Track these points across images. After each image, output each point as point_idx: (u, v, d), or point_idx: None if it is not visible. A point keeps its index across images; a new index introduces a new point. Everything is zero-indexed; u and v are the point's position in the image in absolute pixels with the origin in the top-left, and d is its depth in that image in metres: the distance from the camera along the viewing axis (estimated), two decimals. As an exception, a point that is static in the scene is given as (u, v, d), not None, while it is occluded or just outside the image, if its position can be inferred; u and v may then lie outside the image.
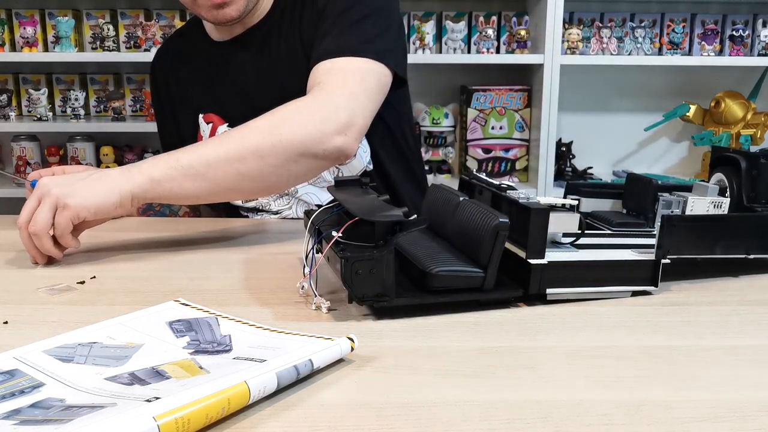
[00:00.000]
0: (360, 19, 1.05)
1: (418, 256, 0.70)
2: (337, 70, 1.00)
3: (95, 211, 0.85)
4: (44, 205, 0.83)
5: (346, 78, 0.99)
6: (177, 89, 1.26)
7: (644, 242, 0.80)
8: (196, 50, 1.24)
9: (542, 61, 2.13)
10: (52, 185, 0.85)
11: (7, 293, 0.75)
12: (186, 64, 1.25)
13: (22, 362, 0.54)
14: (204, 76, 1.21)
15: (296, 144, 0.91)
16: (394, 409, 0.50)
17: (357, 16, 1.05)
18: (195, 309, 0.67)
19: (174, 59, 1.28)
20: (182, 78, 1.25)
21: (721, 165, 0.92)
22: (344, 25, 1.05)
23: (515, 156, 2.32)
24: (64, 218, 0.83)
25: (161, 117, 1.33)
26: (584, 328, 0.66)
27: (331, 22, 1.06)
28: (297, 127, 0.92)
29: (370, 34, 1.04)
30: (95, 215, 0.86)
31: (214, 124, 1.19)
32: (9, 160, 2.31)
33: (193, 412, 0.44)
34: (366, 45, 1.02)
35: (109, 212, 0.87)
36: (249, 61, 1.16)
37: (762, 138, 2.33)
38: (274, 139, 0.90)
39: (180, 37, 1.32)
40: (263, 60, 1.15)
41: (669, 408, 0.50)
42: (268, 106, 0.96)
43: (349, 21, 1.05)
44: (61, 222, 0.83)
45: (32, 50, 2.15)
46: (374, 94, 1.02)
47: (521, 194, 0.72)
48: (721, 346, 0.62)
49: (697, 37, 2.31)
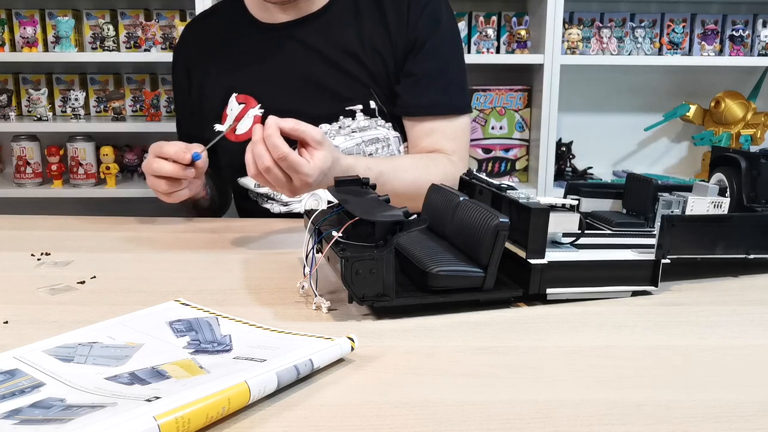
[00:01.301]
0: (457, 60, 1.21)
1: (418, 256, 0.70)
2: (455, 135, 1.19)
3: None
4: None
5: (464, 145, 1.22)
6: (208, 67, 1.25)
7: (644, 242, 0.80)
8: (235, 30, 1.23)
9: (542, 61, 2.13)
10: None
11: (7, 293, 0.75)
12: (221, 43, 1.24)
13: (22, 362, 0.54)
14: (243, 56, 1.21)
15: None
16: (394, 409, 0.50)
17: (455, 55, 1.20)
18: (195, 309, 0.67)
19: (207, 38, 1.27)
20: (215, 55, 1.24)
21: (721, 165, 0.92)
22: (448, 71, 1.19)
23: (515, 156, 2.32)
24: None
25: (187, 104, 1.30)
26: (584, 328, 0.66)
27: (437, 66, 1.18)
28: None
29: (463, 81, 1.21)
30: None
31: (246, 105, 1.19)
32: (9, 160, 2.31)
33: (193, 411, 0.44)
34: (465, 98, 1.22)
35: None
36: (298, 49, 1.17)
37: (762, 138, 2.33)
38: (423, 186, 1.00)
39: (213, 15, 1.30)
40: (311, 51, 1.17)
41: (669, 408, 0.50)
42: (302, 98, 1.11)
43: (452, 64, 1.19)
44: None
45: (32, 50, 2.15)
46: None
47: (521, 194, 0.72)
48: (721, 346, 0.62)
49: (697, 37, 2.31)
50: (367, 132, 1.17)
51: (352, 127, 1.17)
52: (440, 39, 1.17)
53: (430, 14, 1.16)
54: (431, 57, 1.17)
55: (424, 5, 1.16)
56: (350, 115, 1.17)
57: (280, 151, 0.84)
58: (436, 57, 1.17)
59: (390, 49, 1.16)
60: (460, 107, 1.20)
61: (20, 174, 2.17)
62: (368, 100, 1.17)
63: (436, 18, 1.17)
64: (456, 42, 1.21)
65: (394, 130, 1.20)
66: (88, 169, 2.19)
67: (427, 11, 1.16)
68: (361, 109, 1.17)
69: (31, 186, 2.18)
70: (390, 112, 1.19)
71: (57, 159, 2.17)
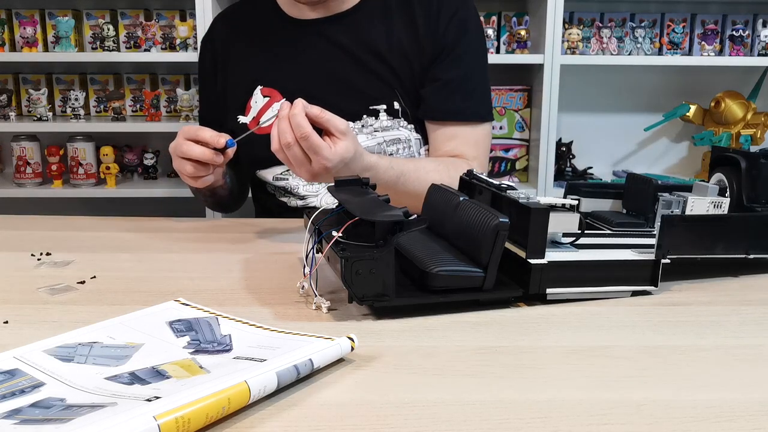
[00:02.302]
0: (482, 67, 1.23)
1: (418, 256, 0.70)
2: (476, 142, 1.21)
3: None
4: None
5: (484, 152, 1.24)
6: (235, 58, 1.25)
7: (644, 242, 0.80)
8: (266, 23, 1.24)
9: (542, 61, 2.13)
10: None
11: (7, 293, 0.75)
12: (251, 34, 1.25)
13: (22, 362, 0.54)
14: (271, 50, 1.22)
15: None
16: (394, 409, 0.50)
17: (480, 63, 1.23)
18: (195, 309, 0.67)
19: (239, 28, 1.28)
20: (243, 47, 1.25)
21: (721, 165, 0.92)
22: (473, 78, 1.21)
23: (515, 156, 2.32)
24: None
25: (211, 90, 1.30)
26: (584, 328, 0.66)
27: (463, 73, 1.19)
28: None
29: (487, 89, 1.24)
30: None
31: (271, 98, 1.20)
32: (9, 160, 2.31)
33: (193, 411, 0.44)
34: (488, 105, 1.23)
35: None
36: (326, 46, 1.18)
37: (762, 138, 2.33)
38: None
39: (245, 6, 1.31)
40: (339, 49, 1.18)
41: (669, 408, 0.50)
42: (327, 94, 1.11)
43: (477, 72, 1.22)
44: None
45: (32, 50, 2.15)
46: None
47: (521, 194, 0.72)
48: (721, 346, 0.62)
49: (697, 37, 2.31)
50: (389, 132, 1.18)
51: (375, 126, 1.18)
52: (468, 47, 1.19)
53: (459, 22, 1.18)
54: (458, 64, 1.18)
55: (454, 12, 1.18)
56: (374, 115, 1.18)
57: (303, 130, 0.85)
58: (462, 64, 1.19)
59: (417, 52, 1.18)
60: (482, 115, 1.21)
61: (20, 174, 2.17)
62: (392, 101, 1.18)
63: (464, 26, 1.19)
64: (482, 50, 1.24)
65: (416, 132, 1.21)
66: (88, 169, 2.19)
67: (456, 19, 1.18)
68: (385, 109, 1.18)
69: (31, 186, 2.18)
70: (413, 114, 1.20)
71: (57, 159, 2.17)
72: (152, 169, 2.29)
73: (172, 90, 2.30)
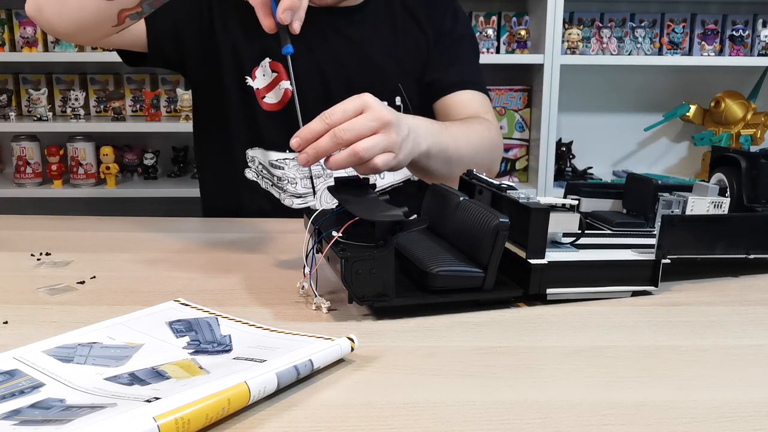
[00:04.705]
0: (477, 52, 1.35)
1: (418, 256, 0.70)
2: (488, 109, 1.26)
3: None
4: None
5: (495, 119, 1.28)
6: (247, 22, 1.18)
7: (644, 242, 0.80)
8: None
9: (542, 61, 2.13)
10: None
11: (7, 293, 0.75)
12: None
13: (22, 362, 0.54)
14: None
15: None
16: (394, 409, 0.50)
17: (475, 48, 1.34)
18: (195, 309, 0.67)
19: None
20: (255, 18, 1.21)
21: (721, 165, 0.92)
22: (472, 59, 1.31)
23: (515, 156, 2.32)
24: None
25: (184, 16, 1.20)
26: (584, 328, 0.66)
27: (465, 53, 1.28)
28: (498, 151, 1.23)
29: (478, 65, 1.33)
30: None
31: (279, 75, 1.19)
32: (9, 160, 2.31)
33: (193, 412, 0.44)
34: (482, 78, 1.31)
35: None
36: (333, 37, 1.20)
37: (762, 138, 2.33)
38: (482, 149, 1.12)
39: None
40: (346, 42, 1.20)
41: (669, 408, 0.50)
42: (329, 80, 1.16)
43: (474, 55, 1.33)
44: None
45: (32, 50, 2.15)
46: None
47: (521, 194, 0.72)
48: (721, 346, 0.62)
49: (697, 37, 2.31)
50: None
51: None
52: (464, 31, 1.30)
53: (453, 12, 1.29)
54: (459, 45, 1.27)
55: (448, 5, 1.29)
56: None
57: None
58: (462, 46, 1.28)
59: (422, 46, 1.24)
60: (485, 90, 1.28)
61: (20, 174, 2.18)
62: (394, 97, 1.21)
63: (456, 15, 1.30)
64: (476, 41, 1.37)
65: None
66: (88, 169, 2.19)
67: (450, 9, 1.29)
68: (387, 105, 1.18)
69: (31, 186, 2.18)
70: (417, 106, 1.22)
71: (57, 159, 2.17)
72: (152, 169, 2.29)
73: (172, 90, 2.30)
